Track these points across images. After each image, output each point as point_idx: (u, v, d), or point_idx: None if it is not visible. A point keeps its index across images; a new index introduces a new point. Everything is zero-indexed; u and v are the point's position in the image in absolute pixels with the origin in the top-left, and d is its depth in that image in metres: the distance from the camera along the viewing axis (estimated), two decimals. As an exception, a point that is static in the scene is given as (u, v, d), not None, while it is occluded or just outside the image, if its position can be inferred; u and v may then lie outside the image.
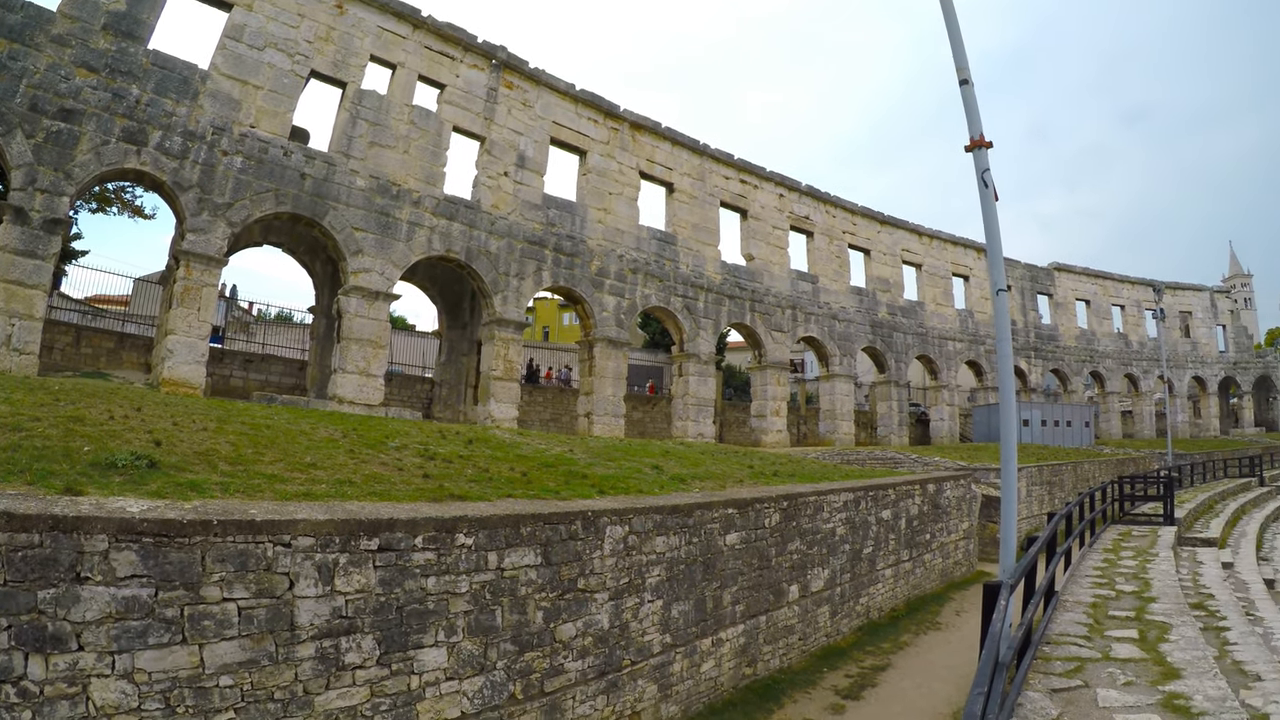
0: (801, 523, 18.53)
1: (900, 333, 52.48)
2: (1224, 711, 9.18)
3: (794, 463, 26.99)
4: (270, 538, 8.16)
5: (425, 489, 11.71)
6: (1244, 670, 12.49)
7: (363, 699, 8.85)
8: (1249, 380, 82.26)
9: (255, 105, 25.72)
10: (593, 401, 34.21)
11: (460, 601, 9.96)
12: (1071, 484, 41.21)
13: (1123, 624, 13.62)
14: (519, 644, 10.80)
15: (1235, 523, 33.23)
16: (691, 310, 38.93)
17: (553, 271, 33.35)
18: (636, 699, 13.04)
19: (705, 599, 14.88)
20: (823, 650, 19.08)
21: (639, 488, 15.89)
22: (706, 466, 21.21)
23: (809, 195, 47.87)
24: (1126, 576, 18.29)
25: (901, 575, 24.28)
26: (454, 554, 9.90)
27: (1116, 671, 10.75)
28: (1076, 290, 71.23)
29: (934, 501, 27.03)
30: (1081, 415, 61.43)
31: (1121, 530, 26.45)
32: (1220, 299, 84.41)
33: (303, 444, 13.06)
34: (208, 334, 24.36)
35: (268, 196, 25.58)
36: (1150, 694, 9.78)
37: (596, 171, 36.19)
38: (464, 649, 10.02)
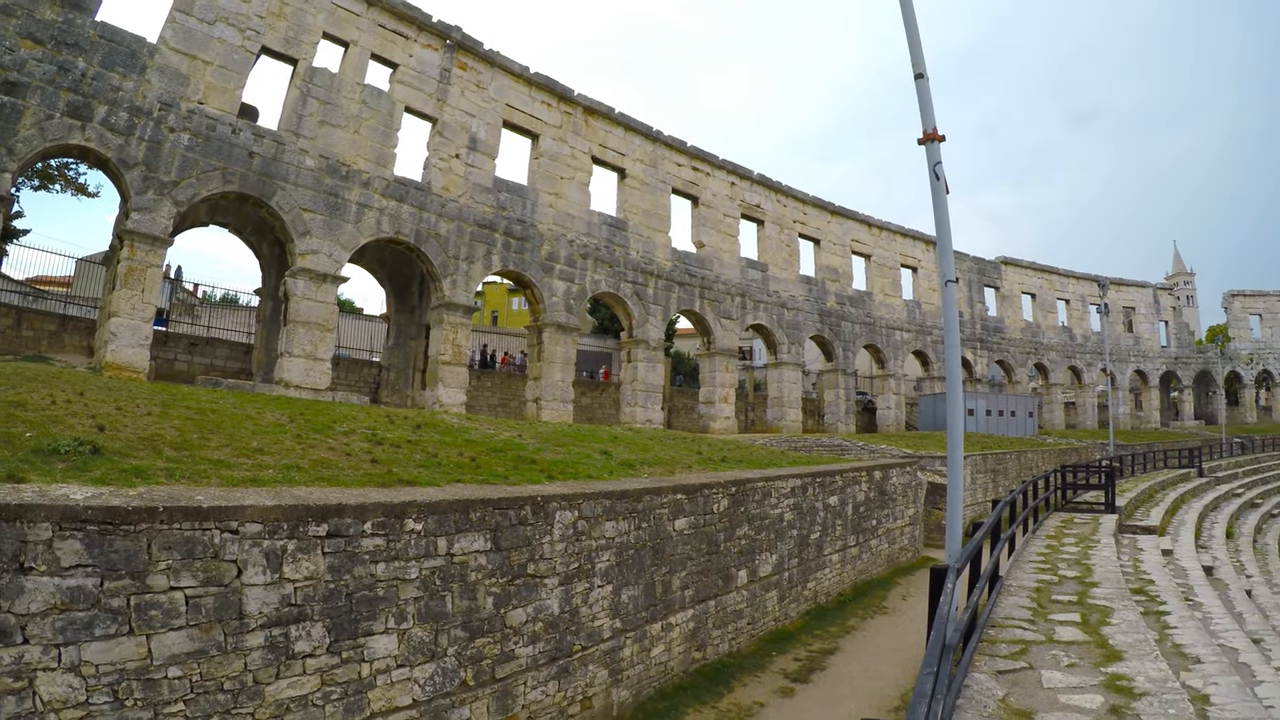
0: (750, 508, 18.65)
1: (848, 322, 52.91)
2: (1165, 692, 9.42)
3: (742, 449, 27.15)
4: (217, 524, 8.01)
5: (373, 474, 11.62)
6: (1184, 653, 12.78)
7: (313, 688, 8.75)
8: (1189, 375, 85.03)
9: (204, 81, 25.10)
10: (541, 387, 34.06)
11: (410, 588, 9.88)
12: (1015, 472, 41.86)
13: (1066, 608, 13.89)
14: (469, 630, 10.75)
15: (1175, 511, 33.90)
16: (641, 296, 38.92)
17: (502, 255, 33.12)
18: (588, 684, 13.08)
19: (655, 584, 14.93)
20: (771, 634, 19.25)
21: (588, 473, 15.88)
22: (655, 452, 21.25)
23: (760, 184, 48.04)
24: (1069, 562, 18.65)
25: (848, 560, 24.53)
26: (403, 540, 9.82)
27: (1060, 654, 10.97)
28: (1023, 284, 72.65)
29: (880, 488, 27.32)
30: (1025, 406, 62.43)
31: (1064, 518, 26.91)
32: (1163, 296, 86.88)
33: (249, 429, 12.91)
34: (152, 316, 23.77)
35: (215, 175, 25.01)
36: (1093, 675, 10.00)
37: (549, 155, 35.96)
38: (414, 636, 9.95)
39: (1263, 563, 31.08)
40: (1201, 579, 21.65)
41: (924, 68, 10.32)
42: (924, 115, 10.10)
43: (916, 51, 10.31)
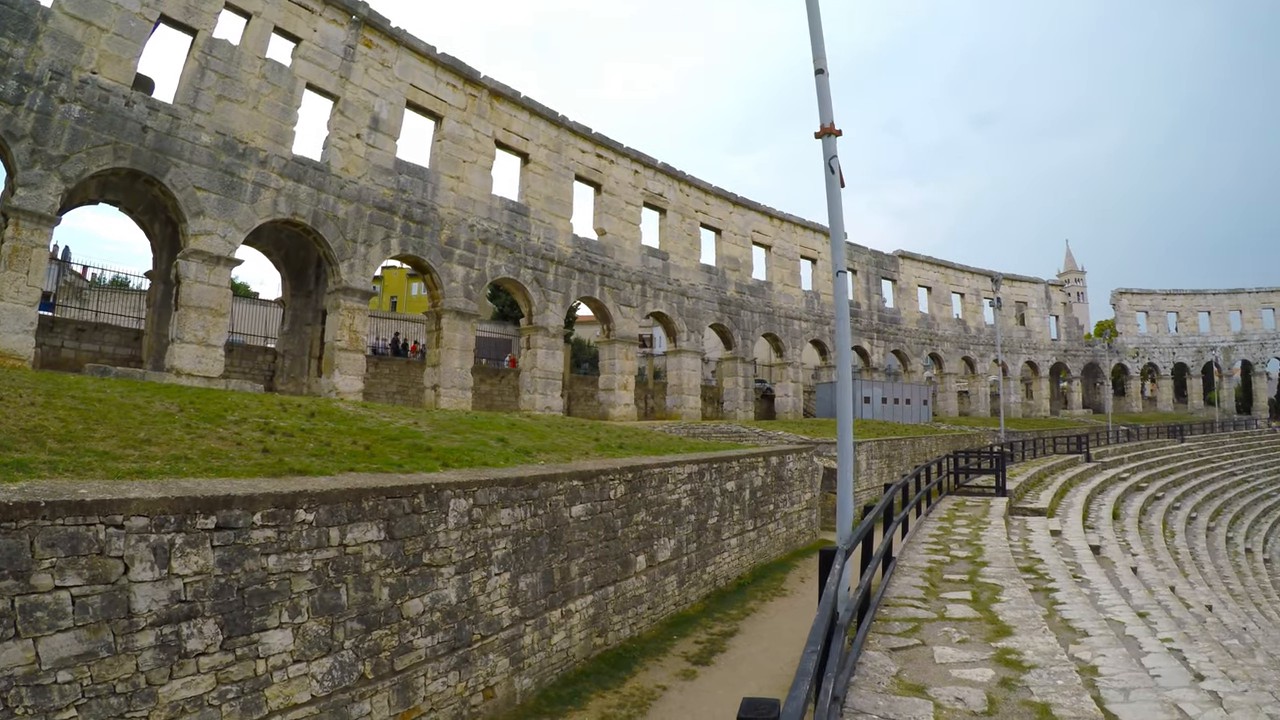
0: (647, 494, 18.79)
1: (748, 311, 53.52)
2: (1053, 664, 9.82)
3: (640, 435, 27.32)
4: (102, 519, 7.77)
5: (264, 464, 11.45)
6: (1072, 627, 13.36)
7: (208, 687, 8.54)
8: (1078, 366, 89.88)
9: (99, 49, 23.99)
10: (439, 374, 33.70)
11: (303, 580, 9.70)
12: (910, 458, 42.83)
13: (958, 586, 14.33)
14: (366, 622, 10.62)
15: (1063, 495, 35.16)
16: (541, 283, 38.77)
17: (402, 239, 32.64)
18: (489, 673, 13.05)
19: (553, 571, 14.97)
20: (672, 618, 19.50)
21: (484, 460, 15.87)
22: (552, 439, 21.30)
23: (664, 173, 48.24)
24: (961, 543, 19.20)
25: (747, 544, 24.88)
26: (294, 531, 9.63)
27: (952, 630, 11.34)
28: (919, 277, 74.85)
29: (777, 474, 27.71)
30: (920, 394, 63.97)
31: (957, 501, 27.69)
32: (1054, 291, 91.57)
33: (137, 419, 12.60)
34: (38, 300, 22.71)
35: (106, 150, 23.99)
36: (984, 650, 10.36)
37: (452, 138, 35.56)
38: (310, 630, 9.78)
39: (1147, 542, 32.36)
40: (1089, 558, 22.51)
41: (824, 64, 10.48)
42: (822, 110, 10.25)
43: (818, 48, 10.46)
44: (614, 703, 14.41)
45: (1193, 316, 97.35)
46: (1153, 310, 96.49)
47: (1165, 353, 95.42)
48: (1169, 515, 42.16)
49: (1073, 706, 8.47)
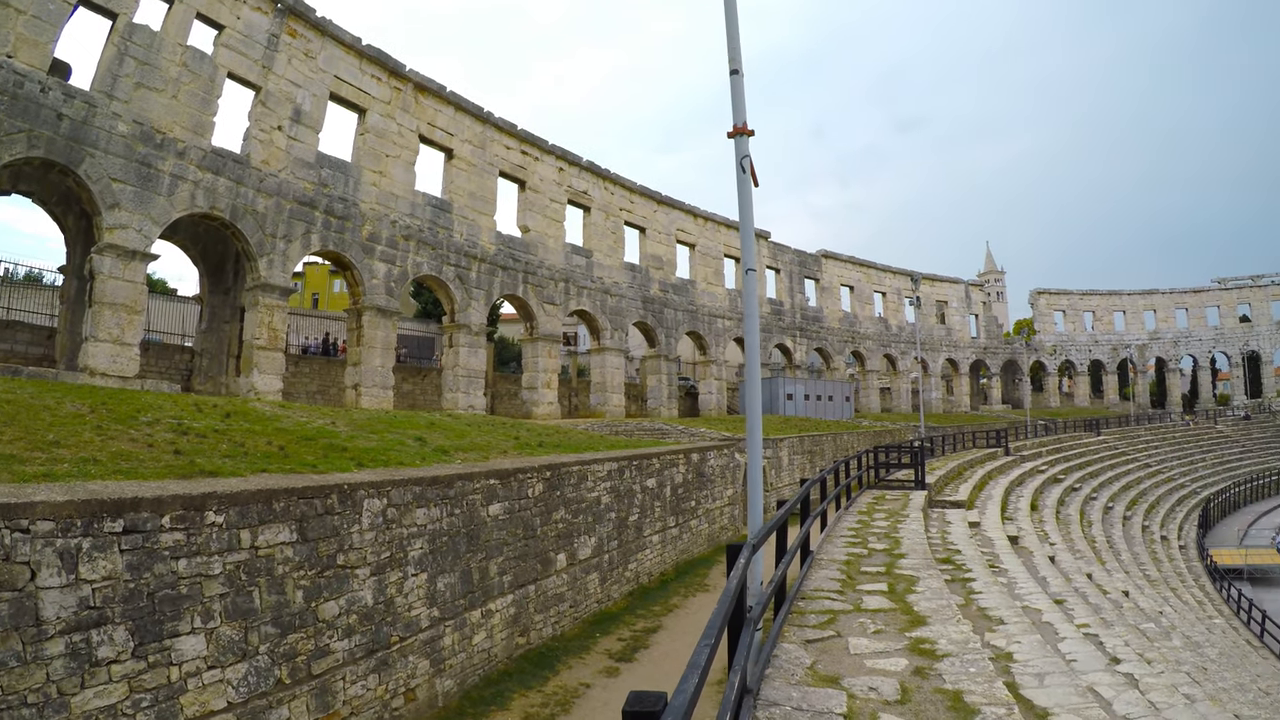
0: (566, 492, 18.88)
1: (671, 309, 53.78)
2: (967, 652, 10.05)
3: (561, 434, 27.36)
4: (7, 523, 7.67)
5: (175, 466, 11.31)
6: (988, 616, 13.70)
7: (121, 696, 8.40)
8: (998, 363, 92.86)
9: (14, 32, 23.06)
10: (360, 372, 33.27)
11: (215, 584, 9.59)
12: (832, 453, 43.33)
13: (874, 578, 14.55)
14: (280, 626, 10.51)
15: (982, 487, 35.94)
16: (464, 280, 38.53)
17: (322, 235, 32.11)
18: (409, 675, 13.01)
19: (471, 570, 14.97)
20: (595, 616, 19.63)
21: (400, 460, 15.83)
22: (471, 438, 21.28)
23: (589, 170, 48.25)
24: (879, 536, 19.49)
25: (669, 541, 25.05)
26: (204, 533, 9.53)
27: (867, 621, 11.55)
28: (842, 276, 76.10)
29: (699, 470, 27.92)
30: (842, 391, 64.65)
31: (877, 495, 28.11)
32: (974, 291, 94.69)
33: (46, 420, 12.38)
34: None
35: (19, 138, 23.10)
36: (898, 640, 10.59)
37: (375, 132, 35.12)
38: (223, 635, 9.66)
39: (1065, 532, 33.23)
40: (1007, 548, 23.03)
41: (740, 65, 10.59)
42: (735, 109, 10.37)
43: (734, 49, 10.58)
44: (537, 702, 14.48)
45: (1108, 316, 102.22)
46: (1070, 309, 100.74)
47: (1082, 350, 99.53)
48: (1086, 505, 43.35)
49: (984, 693, 8.69)
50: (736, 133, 10.27)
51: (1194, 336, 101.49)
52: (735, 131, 10.29)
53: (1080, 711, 9.46)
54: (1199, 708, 13.74)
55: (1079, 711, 9.46)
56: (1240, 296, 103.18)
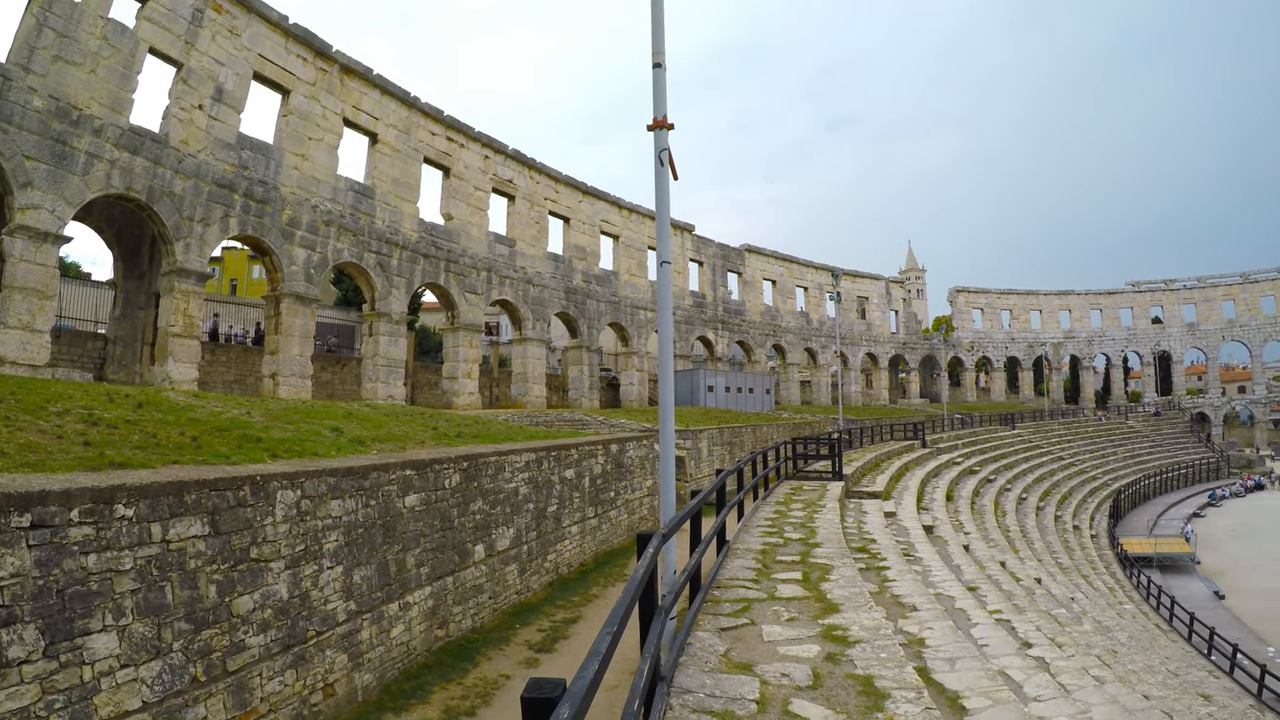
0: (483, 483, 18.79)
1: (594, 300, 53.88)
2: (878, 639, 10.33)
3: (481, 424, 27.24)
4: (-92, 519, 7.43)
5: (85, 458, 11.08)
6: (901, 603, 14.04)
7: (34, 698, 8.17)
8: (916, 358, 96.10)
9: None
10: (278, 361, 32.74)
11: (126, 580, 9.35)
12: (751, 444, 43.64)
13: (789, 567, 14.80)
14: (194, 622, 10.29)
15: (899, 478, 36.64)
16: (385, 268, 38.21)
17: (241, 219, 31.43)
18: (327, 670, 12.86)
19: (388, 563, 14.85)
20: (514, 607, 19.62)
21: (315, 450, 15.65)
22: (389, 429, 21.10)
23: (514, 159, 48.10)
24: (795, 525, 19.79)
25: (588, 531, 25.09)
26: (115, 527, 9.29)
27: (781, 609, 11.77)
28: (765, 270, 77.13)
29: (617, 461, 27.98)
30: (763, 383, 65.25)
31: (794, 485, 28.59)
32: (895, 288, 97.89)
33: (-51, 411, 12.10)
34: None
35: None
36: (811, 627, 10.84)
37: (299, 114, 34.53)
38: (136, 632, 9.42)
39: (980, 521, 33.98)
40: (922, 537, 23.50)
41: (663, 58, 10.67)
42: (656, 103, 10.46)
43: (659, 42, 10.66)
44: (457, 694, 14.44)
45: (1025, 314, 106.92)
46: (988, 308, 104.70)
47: (999, 347, 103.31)
48: (1000, 496, 44.36)
49: (895, 677, 8.93)
50: (656, 125, 10.38)
51: (1107, 336, 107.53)
52: (655, 125, 10.39)
53: (991, 694, 9.70)
54: (1108, 689, 14.16)
55: (989, 694, 9.69)
56: (1153, 299, 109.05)
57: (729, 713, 7.87)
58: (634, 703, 5.36)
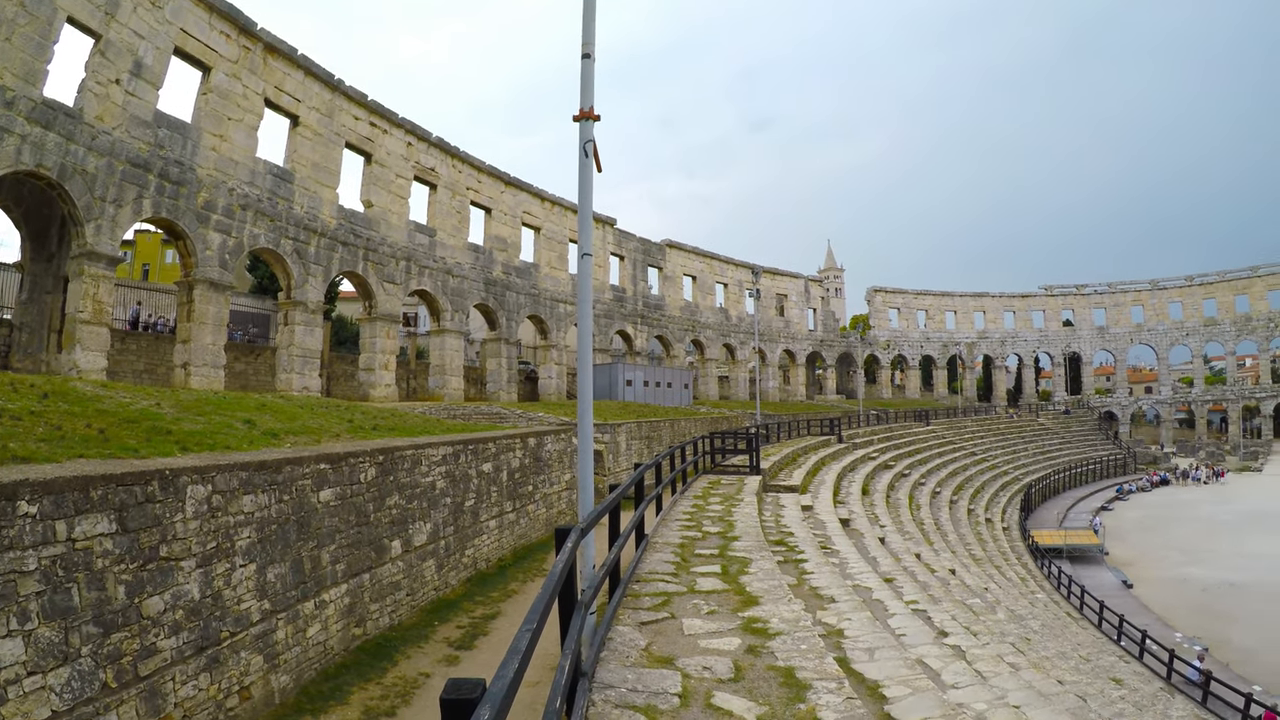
0: (400, 477, 18.52)
1: (514, 292, 53.63)
2: (798, 630, 10.44)
3: (397, 417, 26.91)
4: None
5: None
6: (820, 595, 14.24)
7: None
8: (833, 355, 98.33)
9: None
10: (190, 350, 31.72)
11: (30, 581, 8.90)
12: (670, 439, 43.81)
13: (708, 561, 14.90)
14: (103, 625, 9.84)
15: (816, 473, 37.12)
16: (302, 255, 37.39)
17: (155, 200, 30.18)
18: (243, 672, 12.48)
19: (303, 560, 14.51)
20: (433, 604, 19.43)
21: (227, 443, 15.23)
22: (303, 421, 20.67)
23: (438, 147, 47.56)
24: (714, 519, 19.97)
25: (506, 526, 24.92)
26: (18, 525, 8.86)
27: (701, 603, 11.85)
28: (685, 266, 77.62)
29: (535, 455, 27.85)
30: (681, 378, 65.58)
31: (713, 479, 28.82)
32: (814, 286, 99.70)
33: None
34: None
35: None
36: (732, 620, 10.92)
37: (219, 92, 33.31)
38: (42, 637, 8.96)
39: (895, 515, 34.59)
40: (839, 530, 23.83)
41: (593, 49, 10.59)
42: (584, 94, 10.36)
43: (589, 32, 10.56)
44: (376, 694, 14.21)
45: (941, 315, 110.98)
46: (904, 307, 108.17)
47: (914, 346, 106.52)
48: (915, 490, 45.12)
49: (816, 668, 9.05)
50: (582, 116, 10.29)
51: (1020, 337, 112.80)
52: (581, 115, 10.30)
53: (910, 682, 9.94)
54: (1024, 675, 14.49)
55: (908, 682, 9.94)
56: (1065, 303, 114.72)
57: (652, 707, 7.87)
58: (556, 700, 5.34)
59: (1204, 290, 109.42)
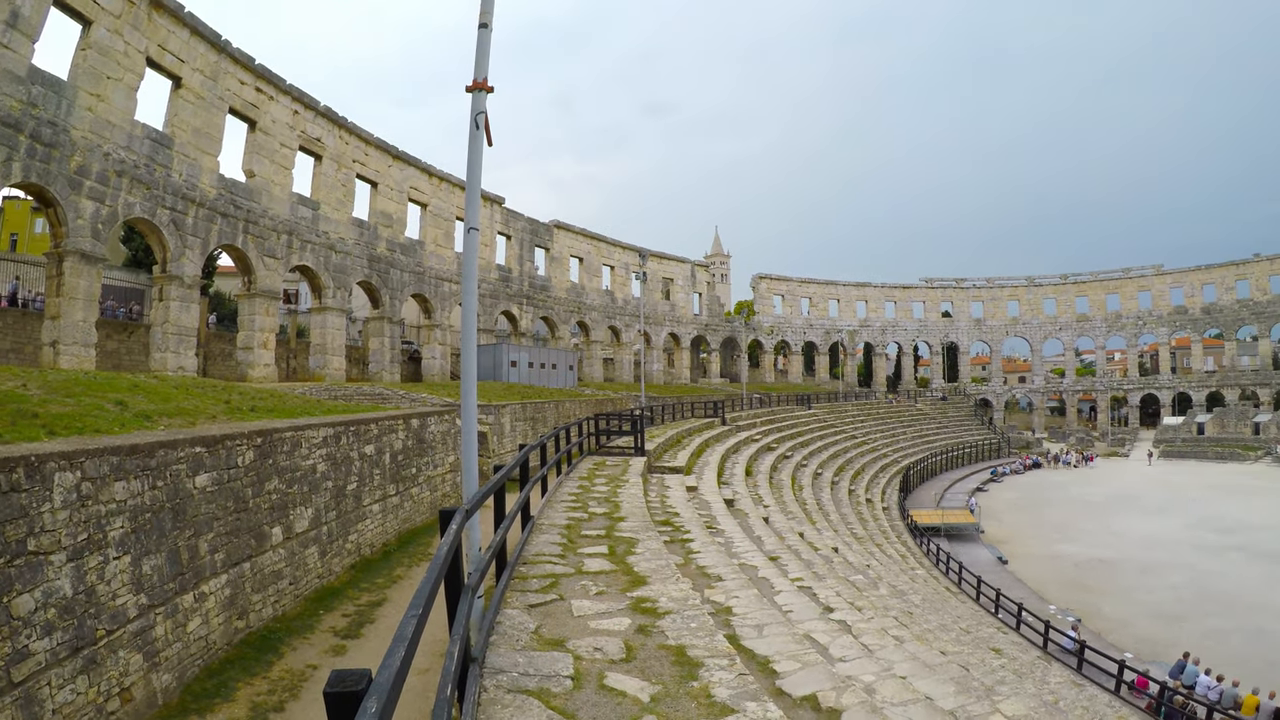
0: (279, 460, 17.96)
1: (398, 270, 52.81)
2: (687, 609, 10.55)
3: (276, 398, 26.25)
4: None
5: None
6: (707, 573, 14.42)
7: None
8: (718, 340, 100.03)
9: None
10: (60, 327, 29.90)
11: None
12: (554, 420, 43.81)
13: (595, 541, 14.95)
14: None
15: (700, 454, 37.71)
16: (180, 226, 35.67)
17: (25, 164, 28.17)
18: (122, 673, 11.80)
19: (179, 549, 13.82)
20: (317, 592, 18.99)
21: (97, 427, 14.58)
22: (178, 402, 19.95)
23: (325, 116, 46.30)
24: (600, 500, 20.08)
25: (390, 510, 24.49)
26: None
27: (590, 583, 11.86)
28: (573, 247, 77.76)
29: (419, 436, 27.45)
30: (567, 360, 65.60)
31: (597, 461, 28.95)
32: (700, 271, 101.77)
33: None
34: None
35: None
36: (620, 600, 10.97)
37: (99, 48, 30.99)
38: None
39: (778, 496, 35.27)
40: (724, 510, 24.15)
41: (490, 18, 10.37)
42: (478, 64, 10.12)
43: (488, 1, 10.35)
44: (263, 689, 13.77)
45: (824, 303, 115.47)
46: (788, 294, 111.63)
47: (798, 332, 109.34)
48: (798, 472, 46.04)
49: (707, 646, 9.12)
50: (476, 87, 10.08)
51: (900, 326, 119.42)
52: (475, 86, 10.09)
53: (799, 657, 10.14)
54: (908, 647, 14.82)
55: (798, 657, 10.13)
56: (944, 295, 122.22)
57: (545, 690, 7.81)
58: (447, 687, 5.19)
59: (1077, 288, 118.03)
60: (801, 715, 8.55)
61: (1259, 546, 47.87)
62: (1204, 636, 32.90)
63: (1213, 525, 54.23)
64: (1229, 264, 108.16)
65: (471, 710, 7.02)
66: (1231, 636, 33.36)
